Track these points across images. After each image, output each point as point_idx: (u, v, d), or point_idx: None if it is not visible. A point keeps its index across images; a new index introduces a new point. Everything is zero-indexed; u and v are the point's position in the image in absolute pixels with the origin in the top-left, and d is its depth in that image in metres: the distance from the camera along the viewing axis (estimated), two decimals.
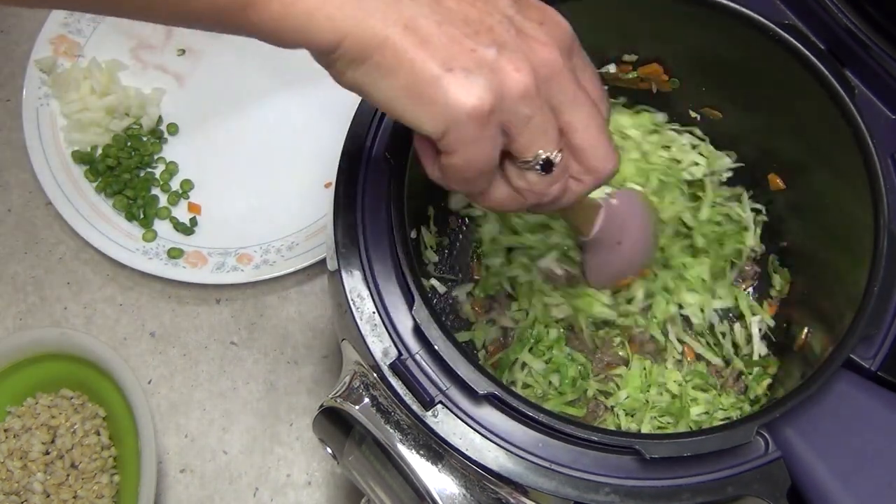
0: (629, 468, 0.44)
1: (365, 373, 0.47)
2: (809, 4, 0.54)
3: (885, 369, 0.47)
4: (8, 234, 0.76)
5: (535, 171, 0.39)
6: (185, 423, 0.70)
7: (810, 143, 0.56)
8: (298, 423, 0.70)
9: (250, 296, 0.75)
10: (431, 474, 0.45)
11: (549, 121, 0.39)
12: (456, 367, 0.44)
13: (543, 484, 0.43)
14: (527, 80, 0.37)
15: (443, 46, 0.36)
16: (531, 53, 0.37)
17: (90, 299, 0.74)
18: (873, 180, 0.49)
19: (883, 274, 0.48)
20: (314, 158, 0.78)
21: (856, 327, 0.47)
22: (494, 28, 0.37)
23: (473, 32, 0.37)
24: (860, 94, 0.53)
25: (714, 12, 0.54)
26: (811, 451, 0.44)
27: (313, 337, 0.73)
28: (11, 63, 0.81)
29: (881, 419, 0.45)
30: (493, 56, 0.36)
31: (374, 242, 0.48)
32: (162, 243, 0.74)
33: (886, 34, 0.52)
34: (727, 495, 0.44)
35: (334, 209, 0.49)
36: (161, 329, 0.73)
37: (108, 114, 0.77)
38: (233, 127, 0.79)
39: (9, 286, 0.74)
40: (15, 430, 0.66)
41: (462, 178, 0.39)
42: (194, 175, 0.78)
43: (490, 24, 0.37)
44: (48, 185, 0.74)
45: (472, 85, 0.36)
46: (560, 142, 0.39)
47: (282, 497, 0.68)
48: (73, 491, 0.64)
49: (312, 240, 0.74)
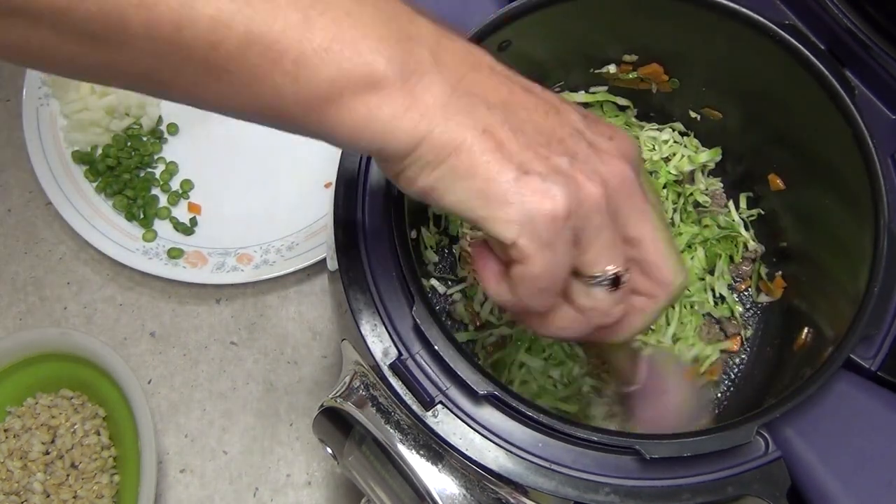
0: (629, 468, 0.44)
1: (365, 373, 0.47)
2: (809, 4, 0.54)
3: (885, 369, 0.47)
4: (8, 234, 0.76)
5: (603, 287, 0.39)
6: (185, 423, 0.70)
7: (810, 143, 0.56)
8: (298, 423, 0.70)
9: (250, 296, 0.75)
10: (431, 474, 0.45)
11: (618, 236, 0.38)
12: (456, 367, 0.44)
13: (543, 484, 0.43)
14: (599, 190, 0.37)
15: (518, 152, 0.36)
16: (602, 165, 0.37)
17: (90, 299, 0.74)
18: (873, 180, 0.49)
19: (883, 274, 0.48)
20: (314, 158, 0.78)
21: (856, 327, 0.47)
22: (566, 140, 0.37)
23: (546, 142, 0.37)
24: (860, 94, 0.53)
25: (714, 12, 0.53)
26: (811, 451, 0.44)
27: (313, 337, 0.73)
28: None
29: (881, 419, 0.45)
30: (566, 165, 0.36)
31: (374, 242, 0.48)
32: (162, 243, 0.74)
33: (886, 34, 0.52)
34: (727, 495, 0.44)
35: (334, 209, 0.49)
36: (161, 329, 0.73)
37: (108, 114, 0.77)
38: (233, 127, 0.79)
39: (9, 286, 0.74)
40: (15, 430, 0.66)
41: (534, 289, 0.38)
42: (194, 175, 0.78)
43: (562, 135, 0.37)
44: (48, 185, 0.74)
45: (549, 189, 0.35)
46: (627, 258, 0.39)
47: (282, 497, 0.68)
48: (73, 491, 0.64)
49: (312, 240, 0.74)
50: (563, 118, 0.38)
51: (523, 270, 0.37)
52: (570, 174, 0.36)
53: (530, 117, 0.37)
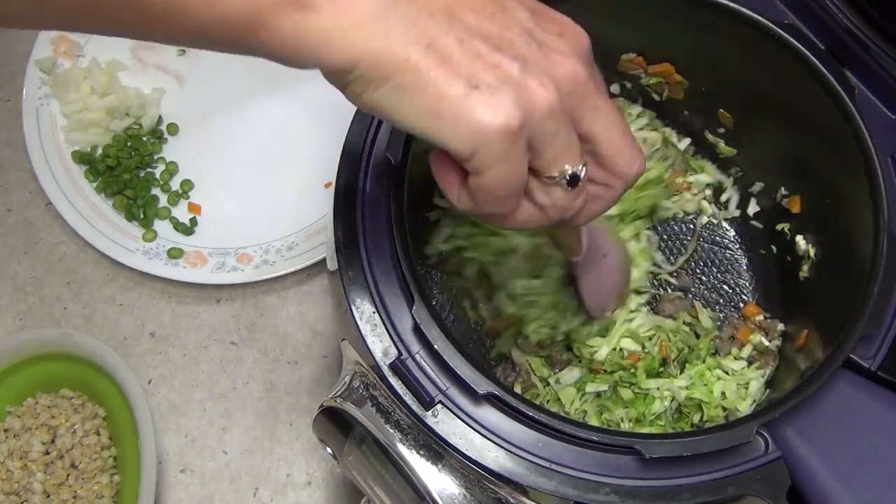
0: (629, 468, 0.44)
1: (365, 373, 0.47)
2: (809, 4, 0.54)
3: (885, 369, 0.47)
4: (8, 234, 0.76)
5: (561, 187, 0.39)
6: (185, 423, 0.70)
7: (810, 143, 0.56)
8: (298, 423, 0.70)
9: (250, 296, 0.75)
10: (431, 474, 0.45)
11: (573, 134, 0.38)
12: (456, 366, 0.44)
13: (543, 484, 0.43)
14: (552, 96, 0.36)
15: (466, 64, 0.35)
16: (553, 68, 0.37)
17: (90, 299, 0.74)
18: (873, 180, 0.49)
19: (883, 274, 0.48)
20: (314, 158, 0.78)
21: (856, 327, 0.47)
22: (515, 42, 0.37)
23: (495, 48, 0.36)
24: (860, 94, 0.53)
25: (714, 12, 0.54)
26: (811, 451, 0.44)
27: (313, 337, 0.73)
28: (11, 63, 0.81)
29: (881, 419, 0.45)
30: (517, 72, 0.36)
31: (374, 242, 0.48)
32: (162, 243, 0.74)
33: (886, 34, 0.52)
34: (727, 495, 0.44)
35: (334, 209, 0.49)
36: (161, 329, 0.73)
37: (108, 114, 0.77)
38: (233, 127, 0.79)
39: (9, 286, 0.74)
40: (15, 430, 0.66)
41: (493, 198, 0.38)
42: (194, 175, 0.78)
43: (510, 38, 0.37)
44: (48, 185, 0.74)
45: (500, 102, 0.35)
46: (584, 154, 0.39)
47: (282, 497, 0.68)
48: (73, 491, 0.64)
49: (312, 240, 0.74)
50: (510, 17, 0.37)
51: (480, 181, 0.37)
52: (522, 82, 0.36)
53: (476, 21, 0.36)
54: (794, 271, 0.61)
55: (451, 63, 0.35)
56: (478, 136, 0.35)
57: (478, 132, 0.35)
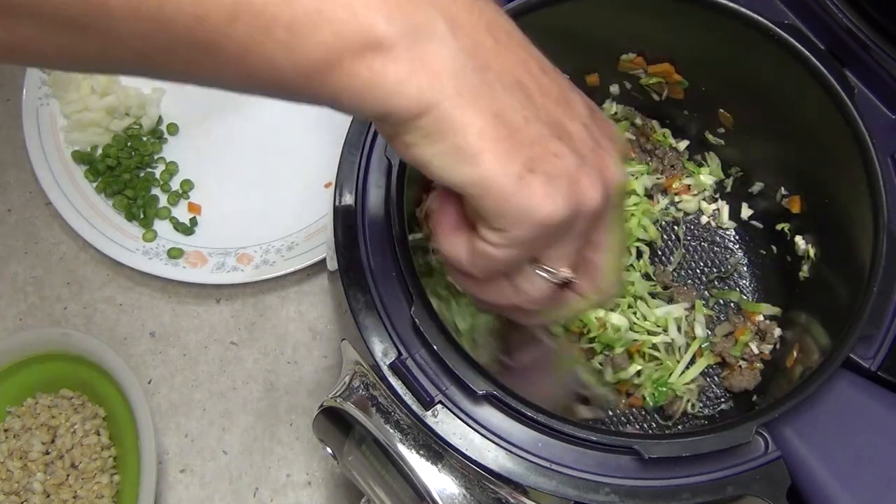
0: (629, 468, 0.44)
1: (365, 373, 0.47)
2: (809, 4, 0.54)
3: (884, 369, 0.47)
4: (8, 234, 0.76)
5: (549, 281, 0.38)
6: (185, 423, 0.70)
7: (810, 143, 0.56)
8: (298, 423, 0.70)
9: (250, 296, 0.75)
10: (431, 474, 0.45)
11: (586, 241, 0.38)
12: (455, 366, 0.44)
13: (543, 484, 0.43)
14: (601, 199, 0.36)
15: (528, 144, 0.34)
16: (606, 171, 0.37)
17: (90, 299, 0.74)
18: (873, 180, 0.49)
19: (882, 274, 0.48)
20: (314, 158, 0.78)
21: (855, 327, 0.47)
22: (575, 136, 0.36)
23: (556, 136, 0.35)
24: (860, 94, 0.53)
25: (714, 12, 0.54)
26: (811, 451, 0.44)
27: (313, 337, 0.73)
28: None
29: (881, 419, 0.45)
30: (573, 167, 0.35)
31: (374, 242, 0.48)
32: (162, 243, 0.74)
33: (886, 34, 0.52)
34: (727, 495, 0.44)
35: (334, 209, 0.49)
36: (161, 329, 0.73)
37: (108, 114, 0.77)
38: (233, 127, 0.79)
39: (9, 286, 0.74)
40: (15, 430, 0.66)
41: (489, 269, 0.37)
42: (194, 175, 0.78)
43: (571, 131, 0.36)
44: (48, 185, 0.74)
45: (553, 193, 0.34)
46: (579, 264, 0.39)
47: (282, 497, 0.68)
48: (73, 491, 0.64)
49: (312, 240, 0.74)
50: (573, 109, 0.37)
51: (489, 251, 0.36)
52: (576, 178, 0.35)
53: (544, 104, 0.36)
54: (794, 271, 0.61)
55: (514, 140, 0.34)
56: (522, 216, 0.35)
57: (522, 214, 0.34)
